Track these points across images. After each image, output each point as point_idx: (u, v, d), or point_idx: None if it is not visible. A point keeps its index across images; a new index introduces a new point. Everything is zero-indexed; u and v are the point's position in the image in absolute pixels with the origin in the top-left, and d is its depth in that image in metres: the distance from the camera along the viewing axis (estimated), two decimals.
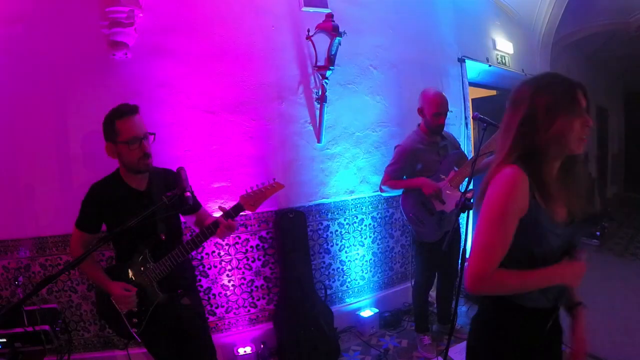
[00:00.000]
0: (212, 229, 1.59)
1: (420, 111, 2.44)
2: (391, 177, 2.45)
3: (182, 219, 1.85)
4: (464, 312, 3.16)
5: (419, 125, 2.51)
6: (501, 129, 1.14)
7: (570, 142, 1.04)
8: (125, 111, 1.55)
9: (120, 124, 1.54)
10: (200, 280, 2.53)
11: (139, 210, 1.37)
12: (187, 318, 1.74)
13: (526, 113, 1.05)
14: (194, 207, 1.80)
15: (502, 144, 1.10)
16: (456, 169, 2.46)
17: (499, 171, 1.05)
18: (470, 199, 1.74)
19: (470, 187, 2.36)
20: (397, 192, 2.51)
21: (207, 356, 1.85)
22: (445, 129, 2.54)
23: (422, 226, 2.45)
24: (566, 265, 1.06)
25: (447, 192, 2.37)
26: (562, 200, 1.07)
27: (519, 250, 1.03)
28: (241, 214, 1.66)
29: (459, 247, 2.58)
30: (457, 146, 2.64)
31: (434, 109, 2.35)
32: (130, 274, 1.60)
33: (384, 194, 2.54)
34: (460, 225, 2.49)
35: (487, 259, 1.00)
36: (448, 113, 2.45)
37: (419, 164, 2.40)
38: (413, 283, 2.72)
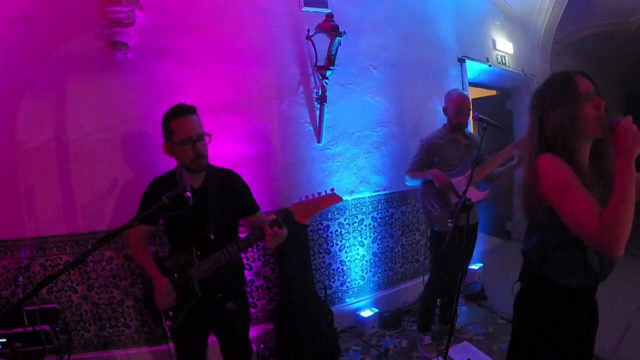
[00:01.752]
0: (257, 235, 1.55)
1: (445, 110, 2.60)
2: (412, 167, 2.59)
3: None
4: (464, 312, 3.16)
5: (444, 124, 2.64)
6: (526, 134, 1.27)
7: (587, 127, 1.12)
8: (180, 112, 1.56)
9: (174, 124, 1.55)
10: None
11: (191, 207, 1.33)
12: (229, 324, 1.73)
13: (537, 112, 1.19)
14: (250, 209, 1.76)
15: (528, 145, 1.23)
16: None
17: (535, 162, 1.14)
18: (470, 200, 1.75)
19: (483, 188, 2.43)
20: (417, 182, 2.60)
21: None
22: None
23: (436, 215, 2.51)
24: (627, 139, 1.02)
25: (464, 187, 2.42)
26: (597, 187, 1.11)
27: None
28: None
29: (467, 248, 2.61)
30: None
31: (456, 108, 2.52)
32: (176, 268, 1.61)
33: (407, 183, 2.66)
34: (476, 225, 2.55)
35: (591, 219, 1.01)
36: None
37: (435, 157, 2.54)
38: (426, 280, 2.71)
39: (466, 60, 3.75)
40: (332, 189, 1.58)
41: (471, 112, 2.63)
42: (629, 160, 1.00)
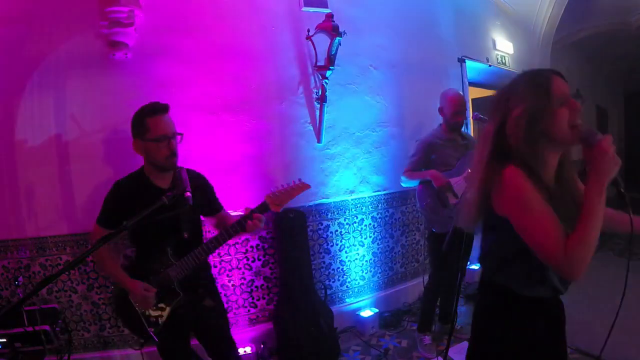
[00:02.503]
0: (236, 227, 1.60)
1: (441, 110, 2.57)
2: (410, 168, 2.57)
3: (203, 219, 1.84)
4: (464, 312, 3.15)
5: (440, 124, 2.63)
6: (479, 139, 1.15)
7: (559, 135, 1.00)
8: (157, 109, 1.58)
9: (151, 122, 1.56)
10: None
11: (165, 208, 1.33)
12: (210, 320, 1.74)
13: (500, 115, 1.05)
14: (216, 208, 1.82)
15: (480, 151, 1.11)
16: None
17: (501, 173, 1.01)
18: None
19: None
20: (414, 183, 2.59)
21: (232, 355, 1.86)
22: None
23: (434, 216, 2.51)
24: (598, 159, 0.93)
25: (462, 188, 2.41)
26: (559, 206, 1.01)
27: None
28: (240, 212, 1.66)
29: (467, 248, 2.60)
30: None
31: (453, 108, 2.49)
32: (151, 272, 1.60)
33: (403, 184, 2.65)
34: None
35: (552, 244, 0.94)
36: None
37: (433, 156, 2.53)
38: (426, 280, 2.71)
39: (466, 60, 3.75)
40: (300, 179, 1.73)
41: (471, 112, 2.63)
42: (602, 186, 0.93)
